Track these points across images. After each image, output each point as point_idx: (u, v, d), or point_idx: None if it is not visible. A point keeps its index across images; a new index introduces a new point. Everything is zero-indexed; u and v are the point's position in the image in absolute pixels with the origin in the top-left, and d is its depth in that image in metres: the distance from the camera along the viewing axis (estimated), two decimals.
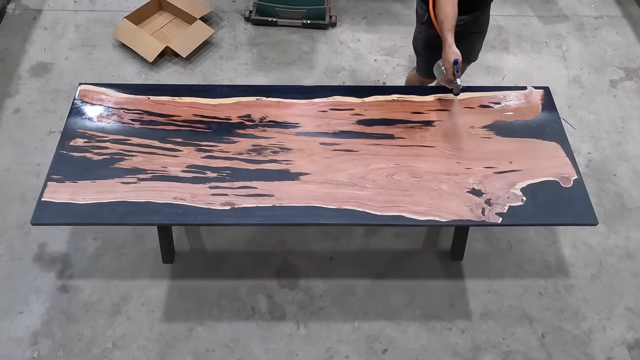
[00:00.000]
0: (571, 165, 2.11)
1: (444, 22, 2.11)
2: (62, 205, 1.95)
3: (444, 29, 2.11)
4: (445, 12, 2.10)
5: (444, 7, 2.11)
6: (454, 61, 2.08)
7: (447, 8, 2.10)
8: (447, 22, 2.10)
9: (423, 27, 2.44)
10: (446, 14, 2.10)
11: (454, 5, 2.11)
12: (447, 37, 2.09)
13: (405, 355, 2.36)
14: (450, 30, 2.10)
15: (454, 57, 2.08)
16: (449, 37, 2.09)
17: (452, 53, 2.08)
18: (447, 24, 2.10)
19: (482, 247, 2.67)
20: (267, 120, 2.22)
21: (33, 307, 2.43)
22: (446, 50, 2.10)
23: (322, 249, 2.65)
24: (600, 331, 2.44)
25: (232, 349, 2.35)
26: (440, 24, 2.13)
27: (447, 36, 2.09)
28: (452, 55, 2.08)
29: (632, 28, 3.70)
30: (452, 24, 2.10)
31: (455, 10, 2.11)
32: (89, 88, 2.32)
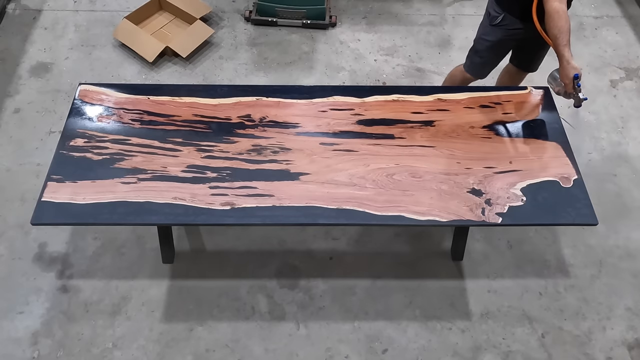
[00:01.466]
0: (571, 165, 2.11)
1: (558, 37, 2.03)
2: (62, 205, 1.95)
3: (559, 44, 2.03)
4: (559, 26, 2.03)
5: (557, 22, 2.03)
6: (574, 76, 2.01)
7: (560, 22, 2.02)
8: (562, 36, 2.03)
9: (492, 28, 2.41)
10: (560, 28, 2.02)
11: (567, 19, 2.03)
12: (565, 52, 2.02)
13: (405, 355, 2.36)
14: (566, 45, 2.02)
15: (573, 73, 2.01)
16: (566, 52, 2.02)
17: (572, 68, 2.01)
18: (562, 39, 2.02)
19: (482, 247, 2.67)
20: (267, 120, 2.22)
21: (33, 307, 2.43)
22: (564, 66, 2.03)
23: (322, 249, 2.65)
24: (600, 331, 2.44)
25: (232, 349, 2.35)
26: (555, 39, 2.05)
27: (564, 51, 2.02)
28: (572, 71, 2.01)
29: (632, 28, 3.70)
30: (567, 39, 2.02)
31: (569, 24, 2.04)
32: (89, 88, 2.32)
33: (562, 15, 2.04)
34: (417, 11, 3.77)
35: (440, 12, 3.76)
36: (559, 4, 2.04)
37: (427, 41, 3.58)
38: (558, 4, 2.04)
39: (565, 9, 2.05)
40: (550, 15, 2.05)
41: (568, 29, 2.04)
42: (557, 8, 2.04)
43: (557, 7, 2.04)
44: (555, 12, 2.04)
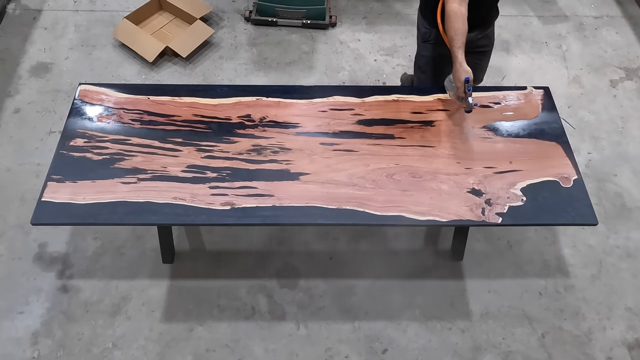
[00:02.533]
0: (571, 165, 2.11)
1: (454, 39, 2.03)
2: (62, 205, 1.95)
3: (454, 46, 2.04)
4: (456, 28, 2.03)
5: (454, 23, 2.03)
6: (465, 79, 2.02)
7: (457, 24, 2.02)
8: (457, 38, 2.03)
9: (425, 45, 2.40)
10: (456, 30, 2.02)
11: (464, 21, 2.03)
12: (458, 54, 2.02)
13: (405, 355, 2.36)
14: (460, 47, 2.03)
15: (465, 75, 2.02)
16: (459, 55, 2.02)
17: (463, 71, 2.02)
18: (457, 41, 2.03)
19: (482, 247, 2.67)
20: (267, 120, 2.22)
21: (33, 307, 2.43)
22: (457, 68, 2.03)
23: (322, 249, 2.65)
24: (600, 331, 2.44)
25: (232, 349, 2.35)
26: (451, 40, 2.05)
27: (458, 53, 2.02)
28: (463, 74, 2.02)
29: (632, 28, 3.70)
30: (462, 41, 2.03)
31: (466, 27, 2.04)
32: (89, 88, 2.32)
33: (459, 17, 2.03)
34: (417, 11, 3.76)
35: None
36: (457, 6, 2.04)
37: None
38: (457, 5, 2.04)
39: (464, 12, 2.04)
40: (449, 17, 2.05)
41: (464, 32, 2.03)
42: (455, 10, 2.03)
43: (455, 9, 2.04)
44: (453, 13, 2.03)
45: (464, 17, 2.04)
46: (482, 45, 2.41)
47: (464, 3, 2.05)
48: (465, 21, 2.04)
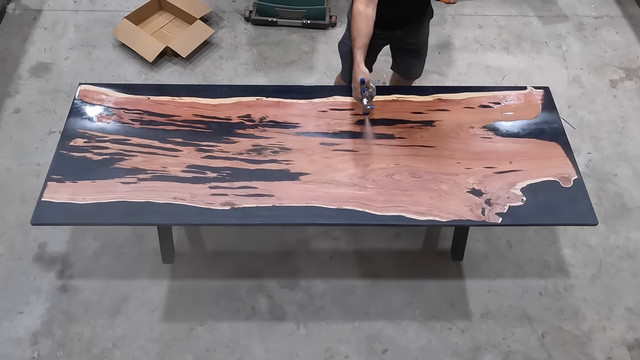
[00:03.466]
0: (571, 165, 2.11)
1: (355, 39, 2.02)
2: (62, 205, 1.95)
3: (354, 46, 2.02)
4: (359, 28, 2.01)
5: (357, 23, 2.02)
6: (360, 80, 1.98)
7: (360, 24, 2.01)
8: (358, 39, 2.01)
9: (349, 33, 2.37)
10: (359, 30, 2.01)
11: (368, 22, 2.01)
12: (357, 54, 2.00)
13: (405, 355, 2.36)
14: (360, 48, 2.00)
15: (361, 77, 1.98)
16: (358, 55, 2.00)
17: (360, 72, 1.99)
18: (358, 41, 2.01)
19: (482, 247, 2.67)
20: (267, 120, 2.22)
21: (33, 307, 2.43)
22: (354, 69, 2.01)
23: (322, 249, 2.65)
24: (600, 331, 2.44)
25: (232, 349, 2.35)
26: (352, 40, 2.04)
27: (357, 54, 2.00)
28: (360, 75, 1.99)
29: (632, 28, 3.70)
30: (363, 42, 2.00)
31: (370, 28, 2.02)
32: (89, 88, 2.32)
33: (363, 18, 2.01)
34: None
35: (440, 12, 3.76)
36: (362, 7, 2.03)
37: None
38: (361, 6, 2.03)
39: (369, 13, 2.02)
40: (353, 17, 2.04)
41: (367, 33, 2.01)
42: (360, 10, 2.03)
43: (359, 9, 2.03)
44: (357, 13, 2.03)
45: (369, 18, 2.02)
46: (410, 44, 2.40)
47: (371, 4, 2.04)
48: (370, 22, 2.02)
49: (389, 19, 2.21)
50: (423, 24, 2.37)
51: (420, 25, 2.36)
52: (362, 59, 2.01)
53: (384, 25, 2.21)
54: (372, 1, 2.04)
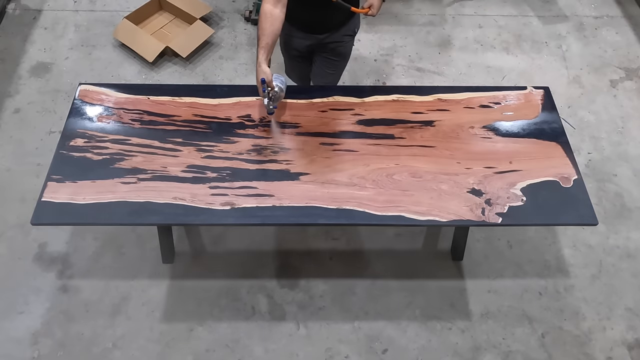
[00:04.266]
0: (571, 165, 2.11)
1: (259, 38, 2.04)
2: (62, 205, 1.94)
3: (258, 45, 2.04)
4: (263, 28, 2.04)
5: (262, 23, 2.05)
6: (261, 80, 1.99)
7: (265, 24, 2.04)
8: (262, 39, 2.03)
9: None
10: (263, 30, 2.03)
11: (273, 22, 2.04)
12: (259, 54, 2.02)
13: (405, 355, 2.36)
14: (263, 48, 2.02)
15: (261, 76, 1.99)
16: (259, 55, 2.02)
17: (261, 72, 2.00)
18: (262, 41, 2.03)
19: (482, 247, 2.67)
20: (267, 120, 2.22)
21: (33, 307, 2.43)
22: (256, 68, 2.02)
23: (322, 249, 2.65)
24: (600, 331, 2.44)
25: (232, 349, 2.35)
26: (257, 39, 2.06)
27: (259, 53, 2.02)
28: (260, 74, 2.00)
29: (632, 28, 3.70)
30: (267, 42, 2.02)
31: (275, 28, 2.04)
32: (89, 88, 2.32)
33: (268, 18, 2.04)
34: (417, 11, 3.77)
35: (440, 12, 3.76)
36: (269, 7, 2.05)
37: (427, 41, 3.58)
38: (268, 6, 2.05)
39: (275, 14, 2.04)
40: (260, 16, 2.07)
41: (271, 33, 2.03)
42: (266, 10, 2.05)
43: (266, 10, 2.05)
44: (263, 13, 2.05)
45: (274, 19, 2.04)
46: (329, 54, 2.40)
47: (279, 5, 2.05)
48: (275, 22, 2.04)
49: (307, 22, 2.25)
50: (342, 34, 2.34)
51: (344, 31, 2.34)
52: (263, 58, 2.02)
53: (303, 27, 2.27)
54: (279, 2, 2.05)
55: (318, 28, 2.30)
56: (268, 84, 2.01)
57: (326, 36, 2.32)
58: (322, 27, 2.30)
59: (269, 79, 2.00)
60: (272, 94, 2.05)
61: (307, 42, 2.36)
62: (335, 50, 2.39)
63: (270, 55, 2.04)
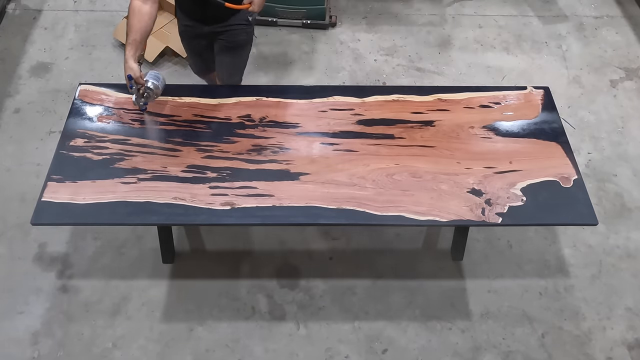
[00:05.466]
0: (571, 165, 2.11)
1: (127, 34, 2.04)
2: (62, 205, 1.95)
3: (126, 41, 2.04)
4: (131, 24, 2.03)
5: (130, 19, 2.04)
6: (127, 76, 2.00)
7: (132, 20, 2.03)
8: (130, 34, 2.03)
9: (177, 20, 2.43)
10: (131, 26, 2.03)
11: (141, 18, 2.03)
12: (126, 50, 2.02)
13: (405, 355, 2.36)
14: (130, 44, 2.02)
15: (128, 72, 2.00)
16: (126, 51, 2.02)
17: (127, 68, 2.00)
18: (129, 37, 2.03)
19: (482, 247, 2.67)
20: (267, 120, 2.22)
21: (33, 307, 2.43)
22: (124, 64, 2.02)
23: (322, 249, 2.65)
24: (600, 331, 2.44)
25: (232, 349, 2.35)
26: (126, 35, 2.05)
27: (126, 49, 2.02)
28: (127, 70, 2.00)
29: (632, 28, 3.70)
30: (134, 38, 2.02)
31: (144, 24, 2.03)
32: (89, 88, 2.32)
33: (136, 14, 2.03)
34: (417, 11, 3.77)
35: (440, 12, 3.76)
36: (137, 3, 2.04)
37: (427, 41, 3.58)
38: (137, 2, 2.05)
39: (145, 10, 2.04)
40: (128, 12, 2.06)
41: (139, 29, 2.02)
42: (134, 6, 2.05)
43: (133, 5, 2.05)
44: (131, 9, 2.05)
45: (143, 15, 2.03)
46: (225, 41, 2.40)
47: (149, 1, 2.05)
48: (144, 18, 2.04)
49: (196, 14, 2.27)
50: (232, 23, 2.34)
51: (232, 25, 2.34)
52: (130, 54, 2.02)
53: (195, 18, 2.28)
54: None
55: (208, 20, 2.30)
56: (136, 80, 2.01)
57: (218, 26, 2.32)
58: (212, 19, 2.30)
59: (135, 75, 2.01)
60: (143, 91, 2.06)
61: (200, 31, 2.35)
62: (230, 38, 2.39)
63: (139, 51, 2.04)
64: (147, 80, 2.07)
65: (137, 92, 2.07)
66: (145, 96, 2.09)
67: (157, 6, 2.09)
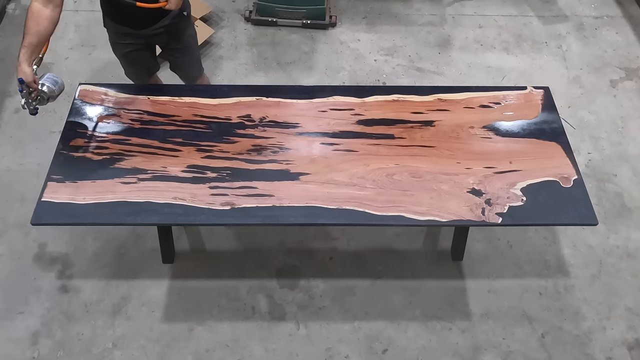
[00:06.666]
0: (571, 165, 2.11)
1: (24, 37, 1.99)
2: (62, 205, 1.95)
3: (21, 44, 1.99)
4: (28, 26, 1.98)
5: (27, 21, 1.97)
6: (19, 80, 1.97)
7: (30, 22, 1.98)
8: (26, 37, 1.98)
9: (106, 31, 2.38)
10: (28, 29, 1.98)
11: (39, 21, 1.98)
12: (20, 52, 1.97)
13: (405, 355, 2.36)
14: (25, 47, 1.96)
15: (19, 76, 1.96)
16: (20, 53, 1.97)
17: (20, 71, 1.96)
18: (25, 40, 1.98)
19: (482, 247, 2.67)
20: (267, 120, 2.22)
21: (33, 307, 2.43)
22: (17, 67, 1.98)
23: (322, 249, 2.65)
24: (600, 331, 2.44)
25: (232, 349, 2.35)
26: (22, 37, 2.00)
27: (20, 52, 1.97)
28: (19, 73, 1.96)
29: (632, 28, 3.70)
30: (29, 41, 1.97)
31: (42, 28, 1.98)
32: (89, 88, 2.32)
33: (34, 17, 1.98)
34: (417, 11, 3.77)
35: (440, 12, 3.76)
36: (37, 5, 1.98)
37: (427, 41, 3.58)
38: (37, 4, 1.99)
39: (45, 13, 1.98)
40: (27, 14, 2.00)
41: (35, 32, 1.97)
42: (33, 8, 1.99)
43: (32, 7, 1.99)
44: (30, 11, 1.99)
45: (42, 18, 1.98)
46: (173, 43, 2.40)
47: (50, 4, 2.00)
48: (43, 22, 1.98)
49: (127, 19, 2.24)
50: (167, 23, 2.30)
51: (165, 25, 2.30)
52: (25, 58, 1.98)
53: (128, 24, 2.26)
54: (50, 1, 2.00)
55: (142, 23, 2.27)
56: (28, 84, 1.98)
57: (152, 28, 2.29)
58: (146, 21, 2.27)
59: (29, 79, 1.97)
60: (36, 95, 2.03)
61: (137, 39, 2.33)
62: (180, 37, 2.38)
63: (34, 55, 2.00)
64: (43, 84, 2.03)
65: (28, 95, 2.02)
66: (39, 99, 2.04)
67: (59, 10, 2.03)
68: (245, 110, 2.26)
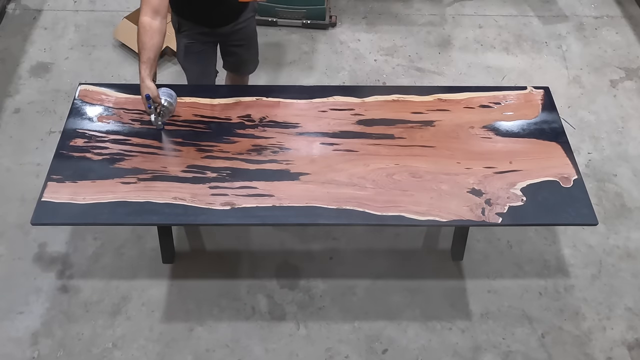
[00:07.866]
0: (571, 165, 2.11)
1: (140, 53, 2.00)
2: (62, 205, 1.95)
3: (139, 60, 2.00)
4: (143, 42, 1.99)
5: (141, 37, 1.99)
6: (145, 96, 1.97)
7: (144, 38, 1.98)
8: (143, 53, 1.99)
9: (178, 36, 2.36)
10: (143, 44, 1.99)
11: (153, 35, 1.98)
12: (141, 69, 1.99)
13: (405, 355, 2.36)
14: (145, 63, 1.98)
15: (145, 92, 1.96)
16: (142, 70, 1.98)
17: (145, 87, 1.96)
18: (143, 55, 1.99)
19: (482, 247, 2.67)
20: (267, 120, 2.22)
21: (33, 307, 2.43)
22: (140, 84, 1.99)
23: (322, 249, 2.65)
24: (600, 331, 2.44)
25: (232, 349, 2.35)
26: (138, 54, 2.02)
27: (141, 69, 1.99)
28: (145, 90, 1.96)
29: (632, 28, 3.70)
30: (148, 56, 1.98)
31: (156, 41, 1.99)
32: (89, 88, 2.32)
33: (147, 31, 1.98)
34: (417, 11, 3.77)
35: (440, 12, 3.76)
36: (147, 20, 2.00)
37: (427, 41, 3.58)
38: (147, 19, 2.00)
39: (155, 26, 1.99)
40: (138, 30, 2.02)
41: (151, 47, 1.98)
42: (144, 23, 2.00)
43: (143, 22, 2.00)
44: (142, 27, 2.00)
45: (154, 31, 1.99)
46: (236, 39, 2.42)
47: (158, 16, 2.01)
48: (156, 35, 1.99)
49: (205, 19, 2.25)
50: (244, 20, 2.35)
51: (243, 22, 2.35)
52: (147, 74, 1.98)
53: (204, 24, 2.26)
54: (158, 13, 2.01)
55: (221, 21, 2.29)
56: (154, 100, 1.98)
57: (228, 27, 2.32)
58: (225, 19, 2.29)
59: (154, 94, 1.97)
60: (160, 109, 2.03)
61: (210, 38, 2.34)
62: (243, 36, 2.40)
63: (153, 69, 2.01)
64: (162, 98, 2.04)
65: (155, 111, 2.03)
66: (162, 114, 2.06)
67: (165, 22, 2.05)
68: (245, 110, 2.26)
